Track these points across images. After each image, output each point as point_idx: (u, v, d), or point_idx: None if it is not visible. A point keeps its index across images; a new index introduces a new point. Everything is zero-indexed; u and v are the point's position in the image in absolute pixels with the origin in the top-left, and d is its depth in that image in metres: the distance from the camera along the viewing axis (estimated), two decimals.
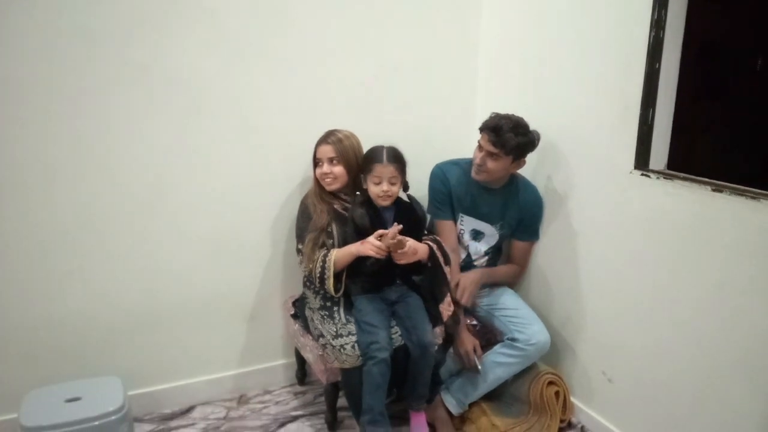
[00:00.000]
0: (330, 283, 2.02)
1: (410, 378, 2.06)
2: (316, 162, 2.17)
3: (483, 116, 2.17)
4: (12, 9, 1.83)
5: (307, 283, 2.21)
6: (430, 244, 2.12)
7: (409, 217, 2.10)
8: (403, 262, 2.01)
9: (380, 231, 1.98)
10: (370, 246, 1.97)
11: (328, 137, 2.15)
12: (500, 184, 2.26)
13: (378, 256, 1.97)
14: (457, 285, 2.21)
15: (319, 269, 2.03)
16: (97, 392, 1.98)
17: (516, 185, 2.29)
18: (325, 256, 2.03)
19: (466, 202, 2.29)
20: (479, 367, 2.17)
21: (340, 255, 2.03)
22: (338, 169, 2.12)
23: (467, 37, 2.54)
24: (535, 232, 2.36)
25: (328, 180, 2.14)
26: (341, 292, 2.06)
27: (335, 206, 2.16)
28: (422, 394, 2.09)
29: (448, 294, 2.15)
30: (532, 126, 2.13)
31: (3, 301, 2.02)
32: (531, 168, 2.27)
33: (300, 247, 2.12)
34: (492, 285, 2.37)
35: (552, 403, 2.20)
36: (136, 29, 1.99)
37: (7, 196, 1.96)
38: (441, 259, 2.12)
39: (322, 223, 2.09)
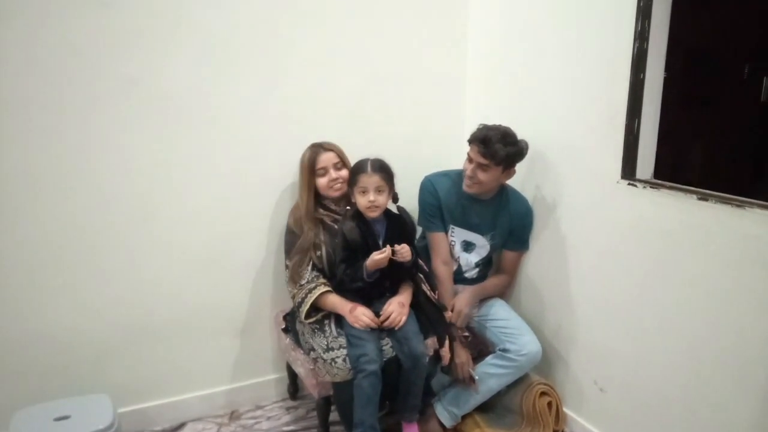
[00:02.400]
0: (304, 312, 2.04)
1: (402, 389, 2.05)
2: (318, 173, 2.15)
3: (471, 127, 2.18)
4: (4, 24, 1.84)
5: None
6: (422, 287, 2.13)
7: (399, 229, 2.10)
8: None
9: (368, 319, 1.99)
10: (356, 319, 1.99)
11: (322, 146, 2.17)
12: (490, 195, 2.26)
13: (362, 328, 1.98)
14: (452, 309, 2.20)
15: (299, 299, 2.06)
16: (86, 410, 1.96)
17: (506, 195, 2.29)
18: (311, 291, 2.04)
19: (456, 213, 2.29)
20: (476, 377, 2.17)
21: (326, 301, 2.05)
22: (345, 173, 2.14)
23: (454, 48, 2.56)
24: (525, 242, 2.36)
25: (338, 185, 2.14)
26: (312, 319, 2.07)
27: (325, 219, 2.16)
28: (414, 405, 2.09)
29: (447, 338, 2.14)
30: (520, 137, 2.14)
31: None
32: (520, 178, 2.28)
33: (288, 263, 2.12)
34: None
35: (545, 413, 2.20)
36: (124, 44, 1.99)
37: None
38: (430, 293, 2.14)
39: (309, 242, 2.10)
